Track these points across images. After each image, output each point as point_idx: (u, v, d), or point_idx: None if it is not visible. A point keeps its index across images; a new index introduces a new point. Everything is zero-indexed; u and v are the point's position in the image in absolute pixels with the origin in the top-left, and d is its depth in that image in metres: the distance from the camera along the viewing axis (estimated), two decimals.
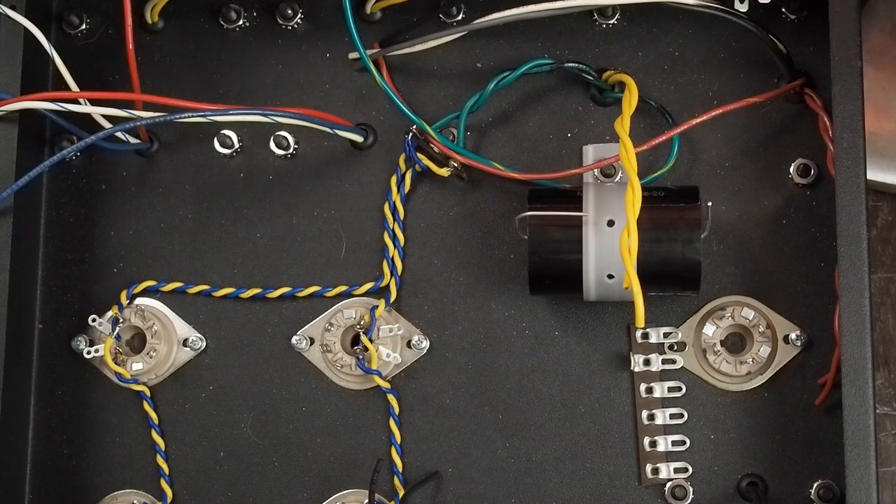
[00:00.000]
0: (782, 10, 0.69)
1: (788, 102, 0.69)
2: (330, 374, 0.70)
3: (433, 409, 0.70)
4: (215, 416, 0.71)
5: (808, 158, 0.68)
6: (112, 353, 0.70)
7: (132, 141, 0.71)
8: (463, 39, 0.71)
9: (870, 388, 0.60)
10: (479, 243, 0.70)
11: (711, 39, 0.70)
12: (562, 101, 0.71)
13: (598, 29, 0.71)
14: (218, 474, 0.71)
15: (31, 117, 0.68)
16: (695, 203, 0.64)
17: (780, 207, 0.68)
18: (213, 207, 0.72)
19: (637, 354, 0.68)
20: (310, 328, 0.71)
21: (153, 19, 0.73)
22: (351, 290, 0.70)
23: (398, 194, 0.70)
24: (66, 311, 0.72)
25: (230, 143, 0.71)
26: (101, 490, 0.71)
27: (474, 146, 0.70)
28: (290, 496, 0.70)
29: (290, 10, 0.72)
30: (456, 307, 0.70)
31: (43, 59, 0.69)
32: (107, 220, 0.72)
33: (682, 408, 0.68)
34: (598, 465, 0.69)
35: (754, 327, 0.68)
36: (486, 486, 0.69)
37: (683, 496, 0.68)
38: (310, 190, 0.71)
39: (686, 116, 0.68)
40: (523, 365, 0.69)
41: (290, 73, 0.72)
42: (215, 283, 0.71)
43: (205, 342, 0.71)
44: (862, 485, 0.60)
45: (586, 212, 0.64)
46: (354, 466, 0.70)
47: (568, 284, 0.65)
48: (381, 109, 0.71)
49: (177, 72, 0.73)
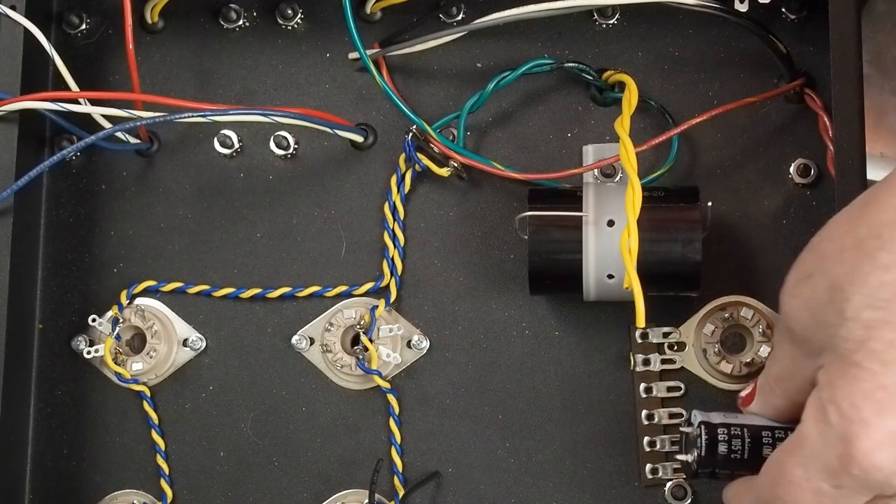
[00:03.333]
0: (782, 10, 0.69)
1: (788, 102, 0.69)
2: (330, 374, 0.70)
3: (433, 409, 0.70)
4: (215, 416, 0.71)
5: (808, 158, 0.68)
6: (112, 353, 0.70)
7: (132, 141, 0.71)
8: (463, 39, 0.71)
9: None
10: (479, 243, 0.70)
11: (711, 39, 0.70)
12: (562, 101, 0.71)
13: (598, 29, 0.71)
14: (218, 474, 0.71)
15: (31, 117, 0.68)
16: (695, 203, 0.64)
17: (780, 207, 0.68)
18: (213, 207, 0.72)
19: (637, 354, 0.68)
20: (310, 328, 0.71)
21: (153, 19, 0.73)
22: (351, 290, 0.70)
23: (398, 194, 0.70)
24: (66, 311, 0.72)
25: (230, 143, 0.71)
26: (101, 490, 0.71)
27: (474, 146, 0.70)
28: (290, 496, 0.70)
29: (290, 10, 0.72)
30: (456, 307, 0.70)
31: (43, 59, 0.69)
32: (107, 220, 0.72)
33: (682, 408, 0.68)
34: (598, 465, 0.69)
35: (754, 327, 0.68)
36: (486, 486, 0.69)
37: (683, 496, 0.68)
38: (310, 190, 0.71)
39: (686, 116, 0.68)
40: (523, 365, 0.69)
41: (290, 73, 0.72)
42: (215, 283, 0.71)
43: (205, 342, 0.71)
44: None
45: (586, 212, 0.64)
46: (354, 466, 0.70)
47: (568, 284, 0.65)
48: (381, 109, 0.71)
49: (177, 72, 0.73)
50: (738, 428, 0.61)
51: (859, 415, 0.51)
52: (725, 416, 0.62)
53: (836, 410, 0.52)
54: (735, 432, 0.61)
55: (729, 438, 0.61)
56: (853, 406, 0.51)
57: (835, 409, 0.52)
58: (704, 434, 0.61)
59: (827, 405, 0.53)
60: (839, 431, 0.52)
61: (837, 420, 0.52)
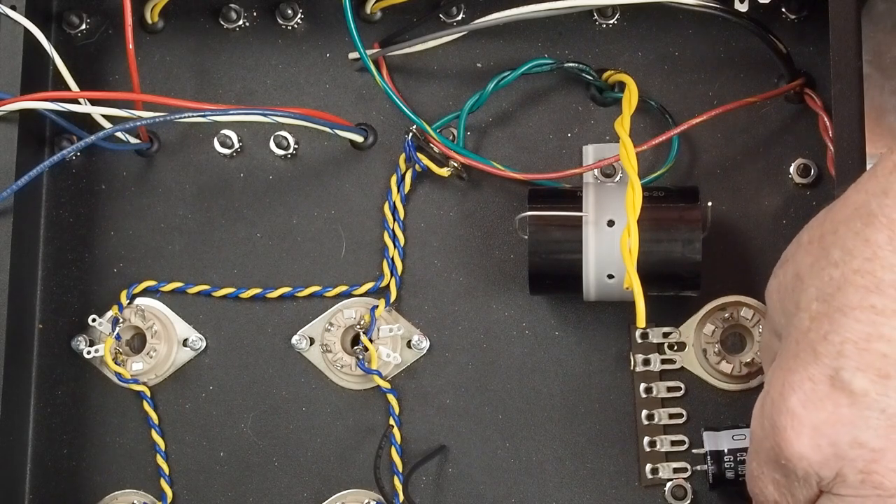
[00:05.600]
0: (782, 10, 0.69)
1: (788, 102, 0.69)
2: (330, 374, 0.70)
3: (433, 409, 0.70)
4: (215, 416, 0.71)
5: (808, 158, 0.68)
6: (112, 353, 0.70)
7: (132, 141, 0.71)
8: (463, 39, 0.71)
9: None
10: (479, 243, 0.70)
11: (711, 39, 0.70)
12: (562, 101, 0.71)
13: (598, 29, 0.71)
14: (218, 474, 0.71)
15: (31, 117, 0.68)
16: (695, 203, 0.64)
17: (780, 207, 0.68)
18: (213, 207, 0.72)
19: (637, 354, 0.68)
20: (310, 328, 0.71)
21: (153, 19, 0.73)
22: (351, 290, 0.70)
23: (398, 194, 0.70)
24: (66, 311, 0.72)
25: (230, 143, 0.71)
26: (101, 490, 0.71)
27: (474, 146, 0.70)
28: (290, 496, 0.70)
29: (290, 10, 0.72)
30: (456, 307, 0.70)
31: (43, 59, 0.69)
32: (107, 220, 0.72)
33: (682, 408, 0.68)
34: (598, 465, 0.69)
35: (754, 327, 0.68)
36: (486, 486, 0.69)
37: (683, 496, 0.68)
38: (310, 190, 0.71)
39: (686, 116, 0.68)
40: (523, 365, 0.69)
41: (290, 73, 0.72)
42: (215, 283, 0.71)
43: (205, 342, 0.71)
44: None
45: (586, 212, 0.64)
46: (354, 466, 0.70)
47: (568, 284, 0.65)
48: (381, 109, 0.71)
49: (177, 72, 0.73)
50: (744, 453, 0.64)
51: (786, 405, 0.52)
52: (734, 436, 0.65)
53: (770, 400, 0.53)
54: (741, 458, 0.64)
55: (735, 465, 0.64)
56: (781, 396, 0.52)
57: (769, 398, 0.53)
58: (712, 465, 0.65)
59: (764, 394, 0.54)
60: (770, 421, 0.53)
61: (769, 409, 0.53)
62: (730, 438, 0.65)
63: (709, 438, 0.65)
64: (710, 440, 0.65)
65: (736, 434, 0.65)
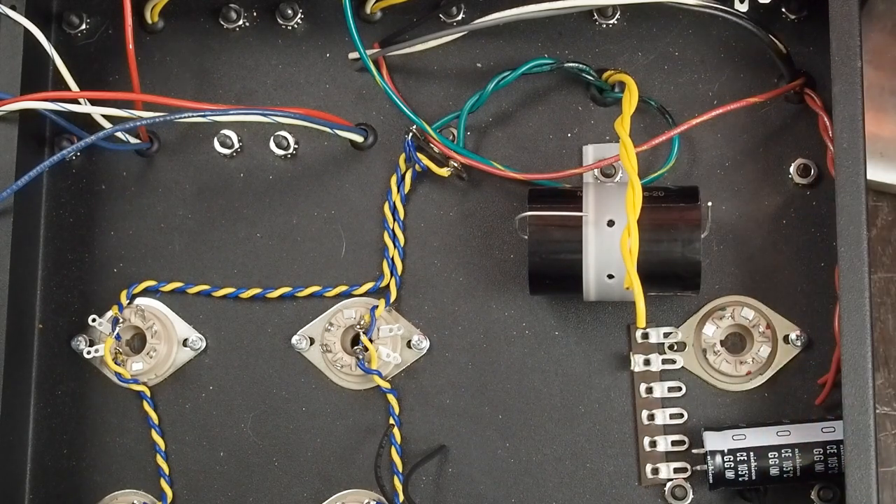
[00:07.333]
0: (782, 10, 0.69)
1: (788, 102, 0.69)
2: (330, 374, 0.70)
3: (433, 409, 0.70)
4: (215, 416, 0.71)
5: (808, 158, 0.68)
6: (112, 353, 0.70)
7: (132, 141, 0.71)
8: (463, 39, 0.71)
9: (870, 388, 0.60)
10: (479, 243, 0.70)
11: (711, 39, 0.70)
12: (562, 101, 0.71)
13: (598, 29, 0.71)
14: (218, 474, 0.71)
15: (31, 117, 0.68)
16: (695, 203, 0.64)
17: (780, 207, 0.68)
18: (213, 207, 0.72)
19: (637, 354, 0.68)
20: (310, 328, 0.71)
21: (153, 19, 0.73)
22: (351, 290, 0.70)
23: (398, 194, 0.70)
24: (66, 311, 0.72)
25: (230, 143, 0.71)
26: (101, 490, 0.71)
27: (474, 146, 0.70)
28: (290, 496, 0.70)
29: (290, 10, 0.72)
30: (456, 307, 0.70)
31: (43, 59, 0.69)
32: (107, 220, 0.72)
33: (682, 408, 0.68)
34: (598, 465, 0.69)
35: (754, 327, 0.68)
36: (486, 486, 0.69)
37: (683, 496, 0.68)
38: (310, 190, 0.71)
39: (686, 116, 0.68)
40: (523, 365, 0.69)
41: (290, 73, 0.72)
42: (215, 283, 0.71)
43: (205, 342, 0.71)
44: (862, 485, 0.60)
45: (586, 212, 0.64)
46: (354, 466, 0.70)
47: (568, 284, 0.65)
48: (381, 109, 0.71)
49: (177, 72, 0.73)
50: (744, 453, 0.64)
51: None
52: (734, 436, 0.65)
53: None
54: (741, 458, 0.65)
55: (735, 465, 0.64)
56: None
57: None
58: (711, 466, 0.65)
59: None
60: None
61: None
62: (730, 438, 0.65)
63: (709, 438, 0.65)
64: (710, 440, 0.65)
65: (736, 434, 0.65)
